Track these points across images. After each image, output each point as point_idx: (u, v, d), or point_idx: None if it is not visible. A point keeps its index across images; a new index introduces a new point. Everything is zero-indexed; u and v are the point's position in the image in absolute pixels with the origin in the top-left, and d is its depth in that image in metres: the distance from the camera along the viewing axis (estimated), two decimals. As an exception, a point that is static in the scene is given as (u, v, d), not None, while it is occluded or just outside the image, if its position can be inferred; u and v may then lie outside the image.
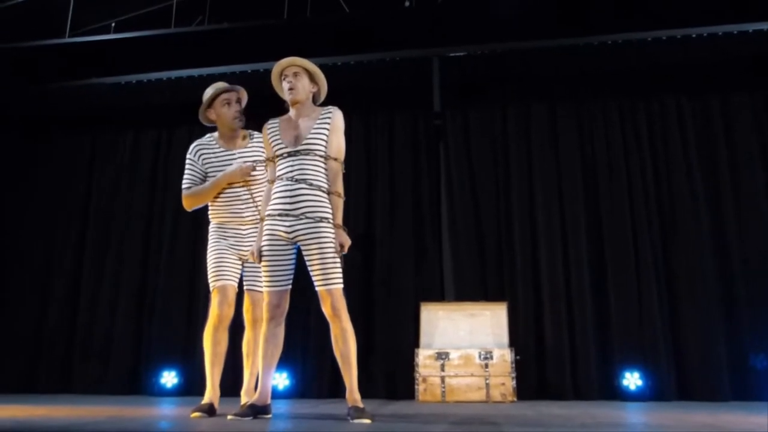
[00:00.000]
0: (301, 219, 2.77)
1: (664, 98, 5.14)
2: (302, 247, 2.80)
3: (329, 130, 2.87)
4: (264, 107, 3.38)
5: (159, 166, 5.77)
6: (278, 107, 3.15)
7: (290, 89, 2.92)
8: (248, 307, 3.16)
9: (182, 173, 3.27)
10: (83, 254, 5.68)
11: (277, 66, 2.96)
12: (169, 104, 5.71)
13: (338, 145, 2.90)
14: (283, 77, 2.96)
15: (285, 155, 2.86)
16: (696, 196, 4.86)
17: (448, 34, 5.21)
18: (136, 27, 5.55)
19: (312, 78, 2.96)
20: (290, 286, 2.86)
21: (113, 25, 5.73)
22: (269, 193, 2.91)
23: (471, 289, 4.99)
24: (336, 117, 2.91)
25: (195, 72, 5.51)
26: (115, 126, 5.97)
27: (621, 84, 5.23)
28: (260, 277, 3.13)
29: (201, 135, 3.39)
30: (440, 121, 5.40)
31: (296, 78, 2.92)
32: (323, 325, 2.93)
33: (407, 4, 5.36)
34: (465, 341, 4.65)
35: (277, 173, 2.88)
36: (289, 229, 2.79)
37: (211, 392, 3.07)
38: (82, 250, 5.70)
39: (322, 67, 3.03)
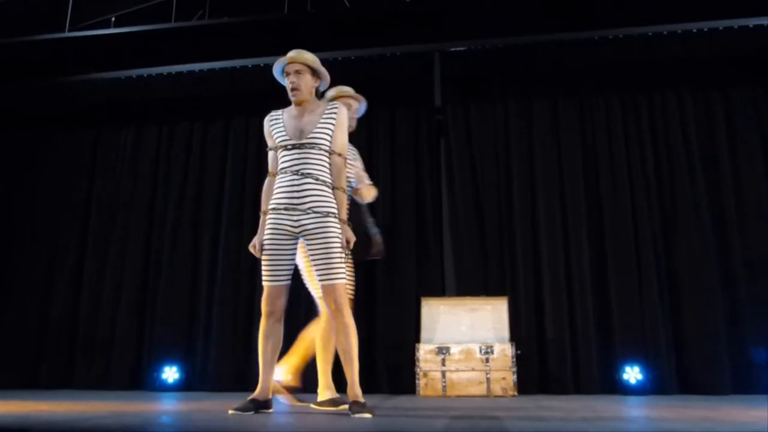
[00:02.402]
0: (309, 213, 2.78)
1: (666, 92, 5.14)
2: (306, 242, 2.81)
3: (334, 126, 2.90)
4: (264, 102, 3.39)
5: (161, 161, 5.75)
6: (279, 102, 3.13)
7: (293, 89, 2.92)
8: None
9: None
10: (85, 250, 5.69)
11: (279, 62, 2.96)
12: (170, 99, 5.71)
13: (341, 141, 2.93)
14: (285, 74, 2.96)
15: (289, 147, 2.87)
16: (697, 190, 4.87)
17: (449, 28, 5.20)
18: (136, 21, 5.53)
19: (315, 73, 2.97)
20: (290, 282, 2.86)
21: (113, 19, 5.72)
22: (270, 186, 2.91)
23: (472, 284, 5.00)
24: (341, 114, 2.93)
25: (195, 67, 5.49)
26: (116, 121, 5.97)
27: (622, 78, 5.23)
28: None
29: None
30: (441, 116, 5.40)
31: (298, 77, 2.92)
32: (324, 320, 2.92)
33: (408, -2, 5.34)
34: (466, 336, 4.66)
35: (280, 166, 2.88)
36: (295, 224, 2.80)
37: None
38: (84, 246, 5.70)
39: (323, 61, 3.02)
